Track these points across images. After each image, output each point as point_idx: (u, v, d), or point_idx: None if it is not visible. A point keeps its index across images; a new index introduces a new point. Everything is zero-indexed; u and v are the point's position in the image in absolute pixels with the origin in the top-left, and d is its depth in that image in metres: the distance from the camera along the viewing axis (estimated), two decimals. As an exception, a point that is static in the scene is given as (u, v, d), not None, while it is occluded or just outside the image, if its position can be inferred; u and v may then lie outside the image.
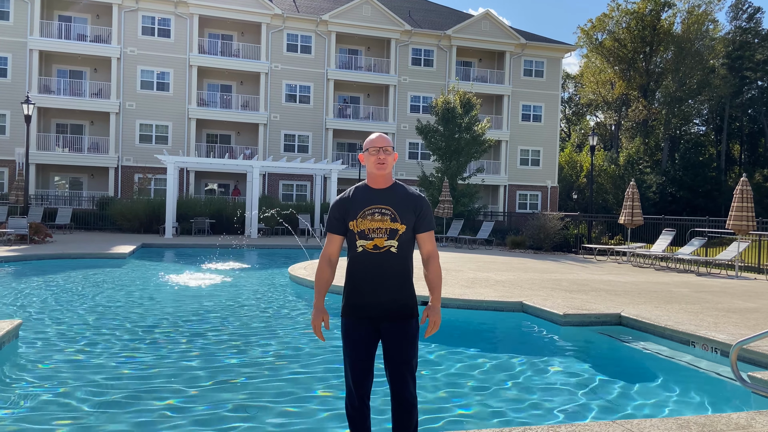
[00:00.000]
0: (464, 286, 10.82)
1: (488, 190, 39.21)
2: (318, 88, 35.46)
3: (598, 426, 4.00)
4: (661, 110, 50.94)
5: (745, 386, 4.33)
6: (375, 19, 35.84)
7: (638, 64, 51.48)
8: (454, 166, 27.98)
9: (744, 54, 52.64)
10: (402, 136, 36.84)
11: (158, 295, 10.14)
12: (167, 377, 5.45)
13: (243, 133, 35.49)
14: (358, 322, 3.18)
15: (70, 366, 5.73)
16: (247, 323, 7.99)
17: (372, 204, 3.17)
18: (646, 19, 50.27)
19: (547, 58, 39.63)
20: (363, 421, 3.21)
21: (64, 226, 24.97)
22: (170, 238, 22.62)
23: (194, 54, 33.10)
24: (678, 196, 46.81)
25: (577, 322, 8.15)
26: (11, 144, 31.09)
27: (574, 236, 22.74)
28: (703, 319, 7.98)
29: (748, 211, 14.37)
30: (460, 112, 27.86)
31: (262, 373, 5.65)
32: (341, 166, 27.04)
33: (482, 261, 16.70)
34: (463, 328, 8.28)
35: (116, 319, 8.05)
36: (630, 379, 5.82)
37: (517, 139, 39.01)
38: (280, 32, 34.83)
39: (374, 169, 3.19)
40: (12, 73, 31.19)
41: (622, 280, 12.80)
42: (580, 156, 48.75)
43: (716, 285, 12.56)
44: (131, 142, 32.71)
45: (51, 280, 11.56)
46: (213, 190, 35.21)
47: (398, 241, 3.15)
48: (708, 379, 6.02)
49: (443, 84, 37.16)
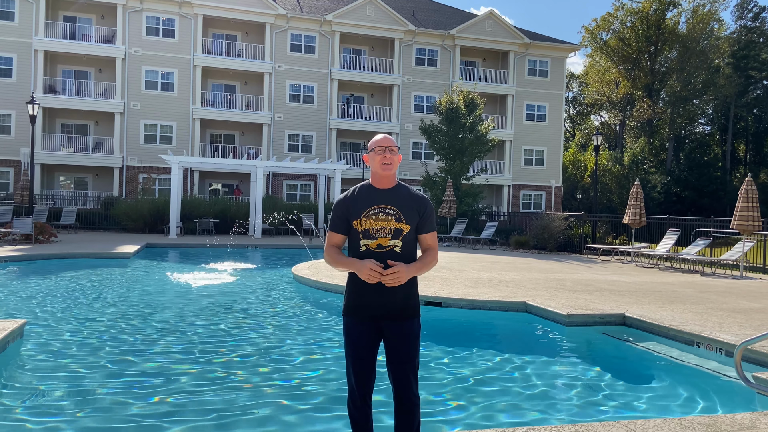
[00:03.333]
0: (468, 286, 10.80)
1: (492, 190, 39.16)
2: (322, 88, 35.48)
3: (601, 426, 3.99)
4: (665, 110, 50.78)
5: (749, 387, 4.31)
6: (379, 18, 35.85)
7: (643, 64, 51.34)
8: (457, 165, 27.94)
9: (749, 53, 52.45)
10: (406, 135, 36.84)
11: (162, 294, 10.17)
12: (169, 377, 5.46)
13: (247, 133, 35.55)
14: (360, 322, 3.18)
15: (74, 366, 5.74)
16: (247, 322, 8.00)
17: (376, 204, 3.17)
18: (651, 19, 50.11)
19: (552, 58, 39.56)
20: (365, 421, 3.21)
21: (69, 226, 25.05)
22: (174, 238, 22.67)
23: (198, 54, 33.17)
24: (683, 196, 46.65)
25: (580, 322, 8.13)
26: (16, 144, 31.24)
27: (578, 236, 22.69)
28: (707, 320, 7.95)
29: (754, 210, 14.32)
30: (464, 111, 27.82)
31: (262, 373, 5.65)
32: (345, 166, 27.03)
33: (486, 261, 16.68)
34: (466, 327, 8.27)
35: (121, 318, 8.07)
36: (634, 380, 5.80)
37: (521, 139, 38.97)
38: (284, 32, 34.87)
39: (380, 169, 3.19)
40: (17, 74, 31.32)
41: (626, 280, 12.76)
42: (585, 156, 48.65)
43: (721, 285, 12.51)
44: (136, 142, 32.81)
45: (56, 279, 11.60)
46: (217, 190, 35.28)
47: (402, 241, 3.15)
48: (712, 379, 5.99)
49: (447, 84, 37.13)
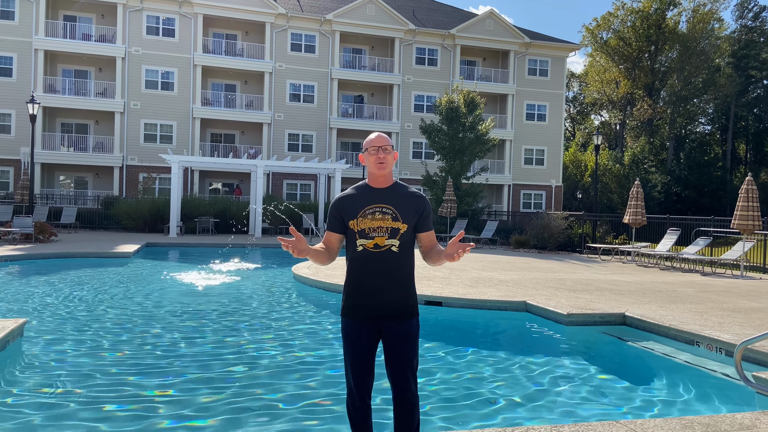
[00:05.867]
0: (468, 285, 10.79)
1: (492, 190, 39.15)
2: (322, 88, 35.47)
3: (601, 426, 3.98)
4: (666, 109, 50.74)
5: (749, 386, 4.30)
6: (379, 18, 35.83)
7: (643, 63, 51.30)
8: (458, 165, 27.93)
9: (749, 53, 52.41)
10: (406, 135, 36.83)
11: (162, 294, 10.16)
12: (169, 376, 5.45)
13: (247, 132, 35.55)
14: (358, 322, 3.16)
15: (74, 365, 5.74)
16: (246, 322, 7.99)
17: (373, 203, 3.15)
18: (652, 18, 50.07)
19: (552, 57, 39.54)
20: (364, 421, 3.20)
21: (69, 226, 25.05)
22: (174, 238, 22.67)
23: (198, 53, 33.16)
24: (683, 196, 46.61)
25: (580, 321, 8.12)
26: (17, 143, 31.23)
27: (578, 236, 22.68)
28: (707, 319, 7.94)
29: (754, 210, 14.31)
30: (464, 111, 27.80)
31: (262, 373, 5.65)
32: (345, 165, 27.02)
33: (486, 260, 16.67)
34: (466, 327, 8.26)
35: (120, 317, 8.06)
36: (634, 379, 5.80)
37: (521, 139, 38.95)
38: (284, 32, 34.86)
39: (374, 168, 3.17)
40: (17, 73, 31.32)
41: (626, 280, 12.75)
42: (585, 155, 48.62)
43: (721, 285, 12.50)
44: (136, 142, 32.81)
45: (56, 279, 11.59)
46: (217, 190, 35.27)
47: (399, 240, 3.12)
48: (712, 379, 5.98)
49: (447, 83, 37.11)
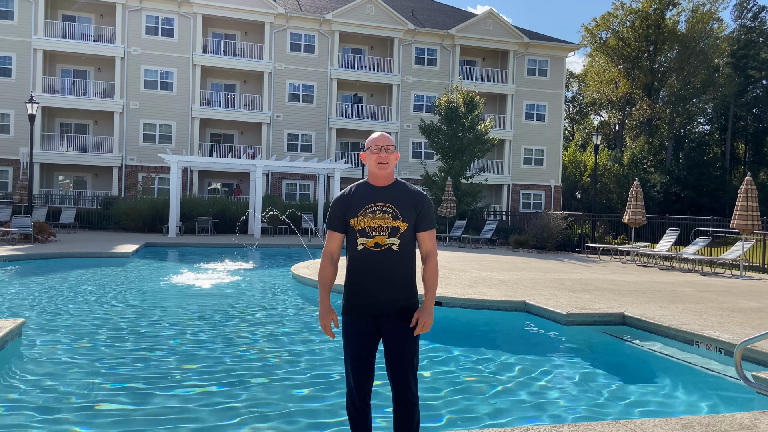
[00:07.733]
0: (467, 285, 10.79)
1: (492, 190, 39.15)
2: (321, 88, 35.46)
3: (601, 426, 3.98)
4: (665, 109, 50.77)
5: (749, 386, 4.30)
6: (378, 18, 35.82)
7: (642, 63, 51.33)
8: (457, 165, 27.93)
9: (749, 53, 52.44)
10: (405, 135, 36.83)
11: (161, 294, 10.15)
12: (168, 376, 5.45)
13: (246, 132, 35.53)
14: (358, 321, 3.16)
15: (72, 365, 5.73)
16: (246, 322, 7.99)
17: (373, 202, 3.15)
18: (651, 18, 50.10)
19: (551, 57, 39.54)
20: (364, 421, 3.20)
21: (68, 226, 25.02)
22: (173, 238, 22.65)
23: (198, 53, 33.14)
24: (682, 196, 46.65)
25: (580, 321, 8.12)
26: (15, 143, 31.20)
27: (577, 236, 22.68)
28: (707, 319, 7.94)
29: (753, 210, 14.32)
30: (464, 111, 27.80)
31: (261, 373, 5.64)
32: (344, 165, 27.02)
33: (485, 260, 16.67)
34: (466, 327, 8.26)
35: (119, 317, 8.05)
36: (633, 379, 5.79)
37: (520, 139, 38.95)
38: (283, 31, 34.84)
39: (375, 168, 3.17)
40: (16, 73, 31.29)
41: (625, 280, 12.75)
42: (584, 155, 48.63)
43: (721, 284, 12.50)
44: (135, 142, 32.78)
45: (54, 279, 11.58)
46: (216, 190, 35.25)
47: (400, 239, 3.12)
48: (712, 378, 5.98)
49: (447, 83, 37.11)
